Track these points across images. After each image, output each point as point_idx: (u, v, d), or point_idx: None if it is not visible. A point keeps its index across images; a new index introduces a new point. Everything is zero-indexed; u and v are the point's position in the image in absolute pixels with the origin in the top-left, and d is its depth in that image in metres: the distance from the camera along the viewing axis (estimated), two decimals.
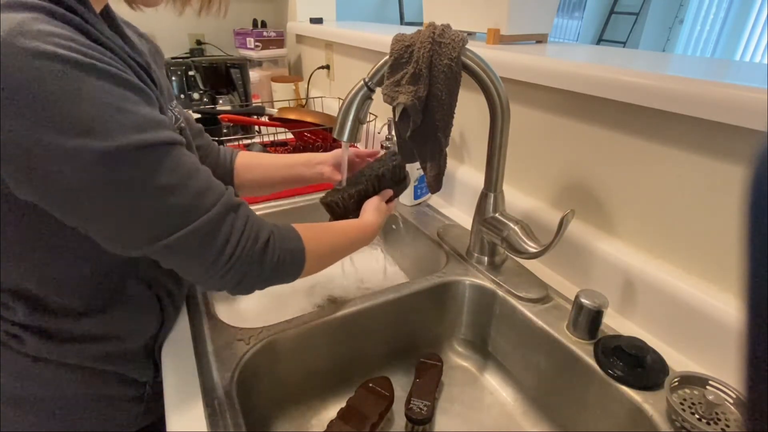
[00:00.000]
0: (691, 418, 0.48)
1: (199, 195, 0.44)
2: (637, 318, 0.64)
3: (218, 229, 0.46)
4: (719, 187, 0.54)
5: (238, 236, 0.47)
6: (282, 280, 0.53)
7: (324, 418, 0.66)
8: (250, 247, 0.48)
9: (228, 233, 0.46)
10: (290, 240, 0.53)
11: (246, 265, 0.48)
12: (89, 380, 0.55)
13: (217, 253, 0.46)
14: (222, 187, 0.48)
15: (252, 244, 0.48)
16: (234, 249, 0.47)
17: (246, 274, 0.49)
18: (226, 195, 0.47)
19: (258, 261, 0.49)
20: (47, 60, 0.36)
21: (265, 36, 1.77)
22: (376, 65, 0.68)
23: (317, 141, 1.26)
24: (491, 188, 0.72)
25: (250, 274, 0.49)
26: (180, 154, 0.44)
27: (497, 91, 0.64)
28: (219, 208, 0.46)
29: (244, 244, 0.47)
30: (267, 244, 0.50)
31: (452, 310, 0.76)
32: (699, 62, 0.72)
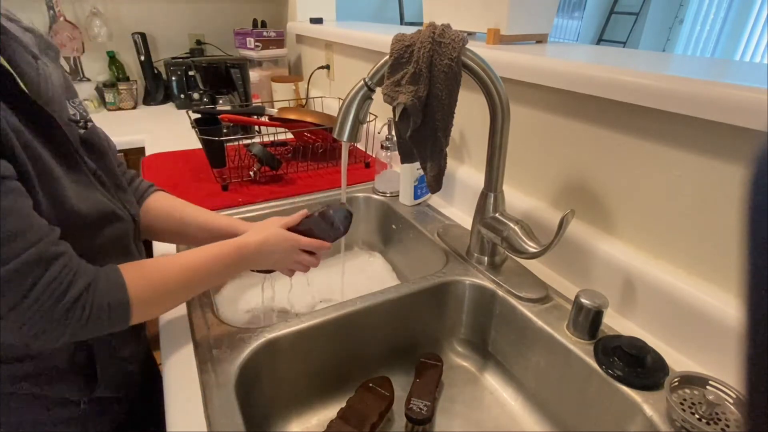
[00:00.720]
0: (691, 418, 0.48)
1: (5, 241, 0.41)
2: (637, 318, 0.64)
3: (20, 282, 0.42)
4: (719, 187, 0.54)
5: (39, 291, 0.43)
6: (100, 332, 0.49)
7: (324, 418, 0.66)
8: (51, 306, 0.44)
9: (31, 285, 0.43)
10: (112, 291, 0.49)
11: (45, 322, 0.44)
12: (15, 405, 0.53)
13: (14, 305, 0.43)
14: (40, 233, 0.44)
15: (55, 302, 0.44)
16: (32, 304, 0.43)
17: (44, 331, 0.45)
18: (40, 244, 0.44)
19: (59, 319, 0.45)
20: None
21: (265, 36, 1.77)
22: (376, 65, 0.68)
23: (317, 141, 1.26)
24: (491, 188, 0.72)
25: (50, 330, 0.45)
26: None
27: (497, 91, 0.64)
28: (26, 257, 0.42)
29: (45, 300, 0.44)
30: (76, 302, 0.46)
31: (452, 310, 0.76)
32: (699, 62, 0.72)
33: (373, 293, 0.69)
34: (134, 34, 1.77)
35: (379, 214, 1.04)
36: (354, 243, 1.09)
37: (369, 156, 1.24)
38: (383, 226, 1.03)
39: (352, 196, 1.05)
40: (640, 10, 4.11)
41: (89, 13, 1.74)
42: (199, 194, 1.00)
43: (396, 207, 0.98)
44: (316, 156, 1.25)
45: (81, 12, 1.73)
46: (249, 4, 2.03)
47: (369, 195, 1.04)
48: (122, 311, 0.49)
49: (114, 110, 1.78)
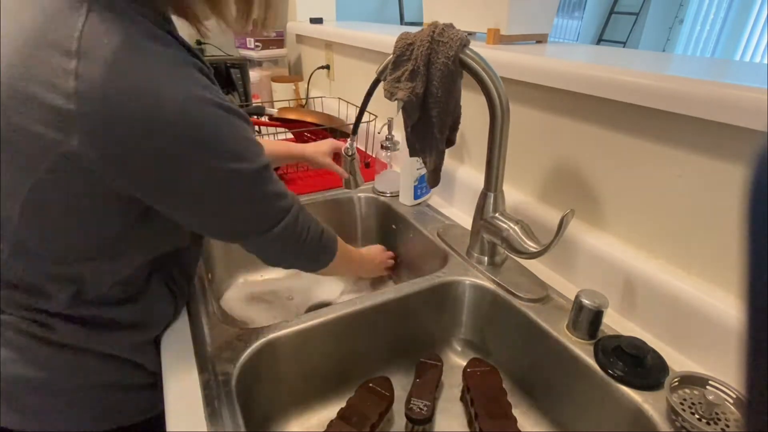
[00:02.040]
0: (691, 418, 0.48)
1: (284, 197, 0.56)
2: (637, 318, 0.64)
3: (296, 222, 0.58)
4: (719, 187, 0.54)
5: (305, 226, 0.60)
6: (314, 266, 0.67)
7: (324, 418, 0.66)
8: (316, 236, 0.62)
9: (305, 224, 0.60)
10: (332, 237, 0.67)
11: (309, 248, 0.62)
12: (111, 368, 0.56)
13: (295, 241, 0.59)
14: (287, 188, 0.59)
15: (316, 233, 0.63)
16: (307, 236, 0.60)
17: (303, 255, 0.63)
18: (292, 195, 0.59)
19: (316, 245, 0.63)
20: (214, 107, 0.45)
21: (265, 36, 1.77)
22: (384, 62, 0.70)
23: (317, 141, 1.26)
24: (491, 188, 0.72)
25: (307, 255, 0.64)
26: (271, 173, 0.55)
27: (497, 91, 0.64)
28: (297, 206, 0.58)
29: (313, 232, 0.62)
30: (322, 234, 0.64)
31: (452, 310, 0.76)
32: (699, 62, 0.72)
33: (373, 293, 0.69)
34: None
35: (379, 214, 1.04)
36: (354, 243, 1.09)
37: (369, 156, 1.24)
38: (383, 226, 1.03)
39: (352, 196, 1.05)
40: (640, 10, 4.11)
41: None
42: None
43: (396, 207, 0.98)
44: None
45: None
46: None
47: (369, 195, 1.04)
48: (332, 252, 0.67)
49: None
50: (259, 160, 0.51)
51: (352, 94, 1.39)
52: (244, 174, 0.49)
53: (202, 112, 0.44)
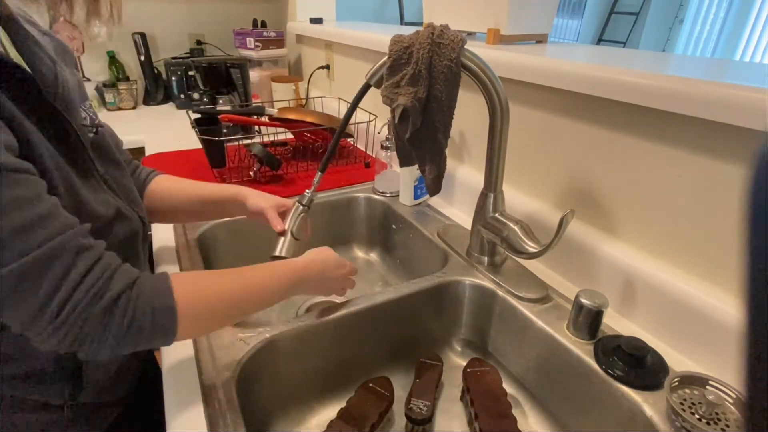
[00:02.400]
0: (691, 418, 0.48)
1: (21, 231, 0.37)
2: (637, 318, 0.64)
3: (43, 274, 0.38)
4: (719, 187, 0.54)
5: (72, 286, 0.39)
6: (142, 346, 0.44)
7: (324, 418, 0.66)
8: (88, 303, 0.40)
9: (59, 280, 0.39)
10: (155, 295, 0.44)
11: (83, 326, 0.40)
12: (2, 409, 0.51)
13: (41, 305, 0.38)
14: (66, 223, 0.41)
15: (92, 299, 0.40)
16: (64, 302, 0.39)
17: (85, 337, 0.40)
18: (67, 234, 0.40)
19: (99, 321, 0.40)
20: None
21: (265, 36, 1.77)
22: (374, 66, 0.68)
23: (317, 141, 1.26)
24: (491, 188, 0.72)
25: (90, 337, 0.40)
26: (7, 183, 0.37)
27: (496, 92, 0.64)
28: (47, 249, 0.38)
29: (81, 297, 0.40)
30: (118, 299, 0.41)
31: (452, 310, 0.76)
32: (699, 62, 0.72)
33: (373, 293, 0.69)
34: (134, 34, 1.77)
35: (379, 214, 1.04)
36: (354, 243, 1.09)
37: (369, 156, 1.24)
38: (383, 226, 1.03)
39: (352, 196, 1.05)
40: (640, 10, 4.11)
41: None
42: None
43: (396, 207, 0.98)
44: (316, 156, 1.25)
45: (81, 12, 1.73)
46: (249, 4, 2.03)
47: (369, 195, 1.04)
48: (168, 319, 0.44)
49: (114, 110, 1.78)
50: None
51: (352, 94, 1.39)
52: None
53: None
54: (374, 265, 1.05)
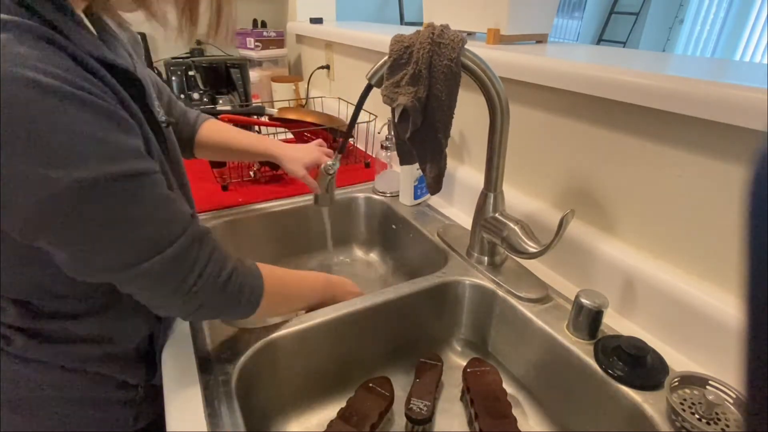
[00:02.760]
0: (691, 418, 0.48)
1: (167, 224, 0.45)
2: (637, 318, 0.64)
3: (184, 259, 0.47)
4: (719, 187, 0.54)
5: (203, 265, 0.48)
6: (237, 314, 0.55)
7: (324, 418, 0.66)
8: (214, 277, 0.50)
9: (193, 262, 0.48)
10: (252, 276, 0.55)
11: (208, 294, 0.49)
12: (79, 383, 0.54)
13: (181, 281, 0.47)
14: (188, 215, 0.48)
15: (216, 273, 0.50)
16: (197, 278, 0.48)
17: (204, 303, 0.50)
18: (192, 224, 0.48)
19: (220, 290, 0.50)
20: (26, 87, 0.34)
21: (265, 36, 1.77)
22: (376, 65, 0.67)
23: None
24: (491, 188, 0.72)
25: (208, 303, 0.50)
26: (152, 184, 0.44)
27: (496, 91, 0.64)
28: (185, 238, 0.46)
29: (210, 272, 0.49)
30: (230, 276, 0.51)
31: (452, 310, 0.76)
32: (699, 62, 0.72)
33: (373, 293, 0.69)
34: None
35: (379, 214, 1.04)
36: (354, 243, 1.09)
37: (369, 156, 1.24)
38: (383, 226, 1.03)
39: (352, 196, 1.05)
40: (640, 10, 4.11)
41: None
42: (199, 194, 1.00)
43: (396, 207, 0.98)
44: None
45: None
46: (249, 4, 2.03)
47: (369, 195, 1.04)
48: (256, 297, 0.55)
49: None
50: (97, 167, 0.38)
51: (352, 94, 1.39)
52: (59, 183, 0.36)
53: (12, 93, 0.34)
54: (374, 265, 1.05)
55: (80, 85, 0.38)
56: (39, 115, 0.35)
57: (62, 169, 0.36)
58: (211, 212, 0.93)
